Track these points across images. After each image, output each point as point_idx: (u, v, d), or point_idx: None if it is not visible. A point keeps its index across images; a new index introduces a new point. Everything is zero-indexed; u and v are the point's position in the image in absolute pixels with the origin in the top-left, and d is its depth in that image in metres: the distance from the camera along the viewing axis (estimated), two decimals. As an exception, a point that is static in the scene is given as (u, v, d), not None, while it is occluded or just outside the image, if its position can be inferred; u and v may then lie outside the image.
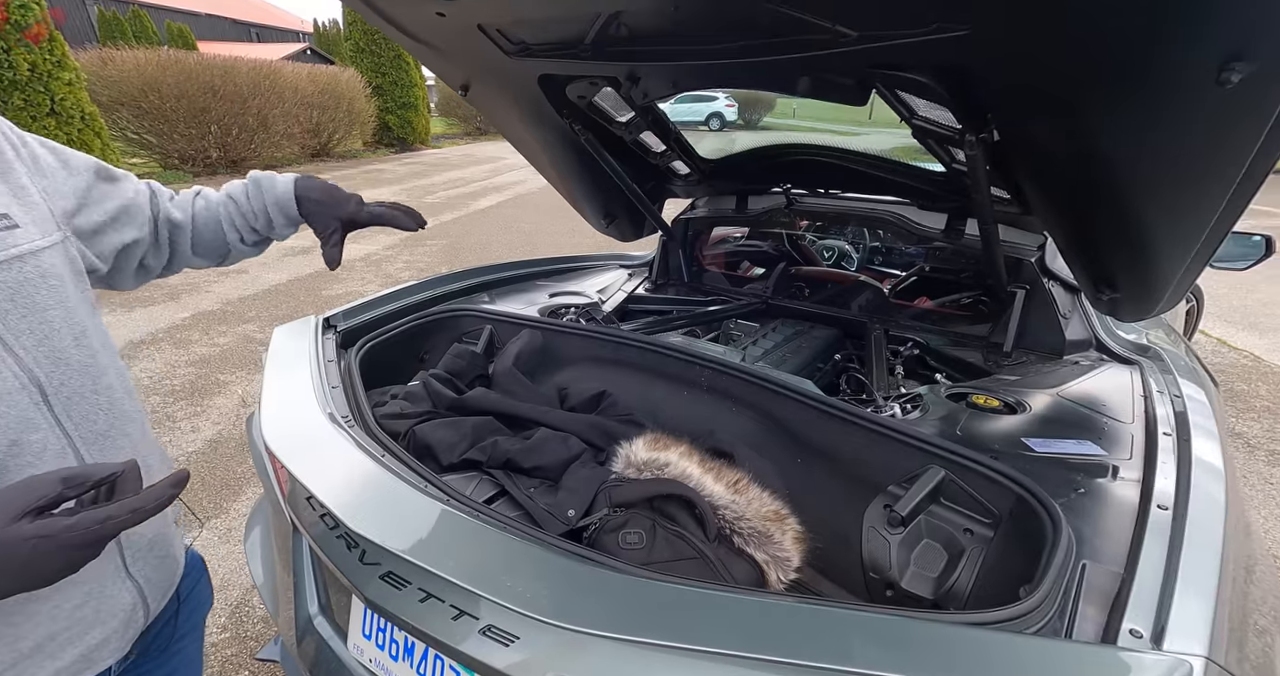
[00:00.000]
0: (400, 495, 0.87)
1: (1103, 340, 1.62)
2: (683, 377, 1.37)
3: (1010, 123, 1.07)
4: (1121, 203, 1.07)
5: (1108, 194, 1.08)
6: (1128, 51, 0.75)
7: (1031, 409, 1.23)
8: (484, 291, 1.92)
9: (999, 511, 0.94)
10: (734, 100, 18.20)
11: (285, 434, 1.01)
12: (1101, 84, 0.82)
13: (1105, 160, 0.98)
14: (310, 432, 1.03)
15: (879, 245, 3.08)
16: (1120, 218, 1.11)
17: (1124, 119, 0.87)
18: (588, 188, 2.05)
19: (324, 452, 0.97)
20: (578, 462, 1.05)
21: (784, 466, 1.15)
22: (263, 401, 1.11)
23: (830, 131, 2.46)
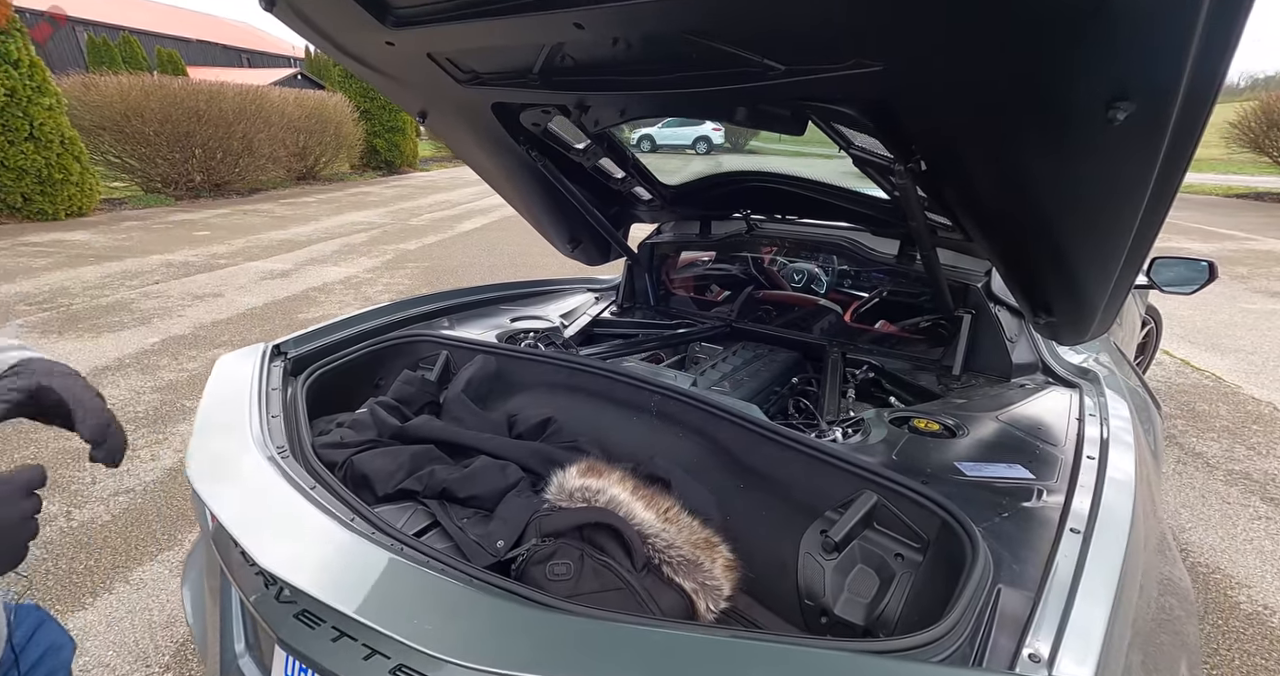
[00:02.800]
0: (321, 529, 0.85)
1: (1048, 363, 1.65)
2: (633, 403, 1.37)
3: (933, 153, 1.10)
4: (1042, 230, 1.10)
5: (1030, 222, 1.11)
6: (1025, 87, 0.78)
7: (970, 432, 1.24)
8: (445, 316, 1.92)
9: (927, 536, 0.95)
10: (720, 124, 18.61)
11: (210, 467, 1.00)
12: (1005, 117, 0.85)
13: (1021, 190, 1.02)
14: (237, 465, 1.01)
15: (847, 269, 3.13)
16: (1044, 245, 1.14)
17: (1030, 151, 0.90)
18: (551, 213, 2.07)
19: (248, 486, 0.96)
20: (514, 492, 1.05)
21: (725, 492, 1.15)
22: (194, 432, 1.09)
23: (810, 155, 2.52)
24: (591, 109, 1.44)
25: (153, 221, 8.73)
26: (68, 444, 2.82)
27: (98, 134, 9.47)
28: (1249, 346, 4.22)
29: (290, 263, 6.65)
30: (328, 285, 5.82)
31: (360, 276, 6.19)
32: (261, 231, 8.36)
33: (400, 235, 8.28)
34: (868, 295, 2.92)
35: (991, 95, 0.81)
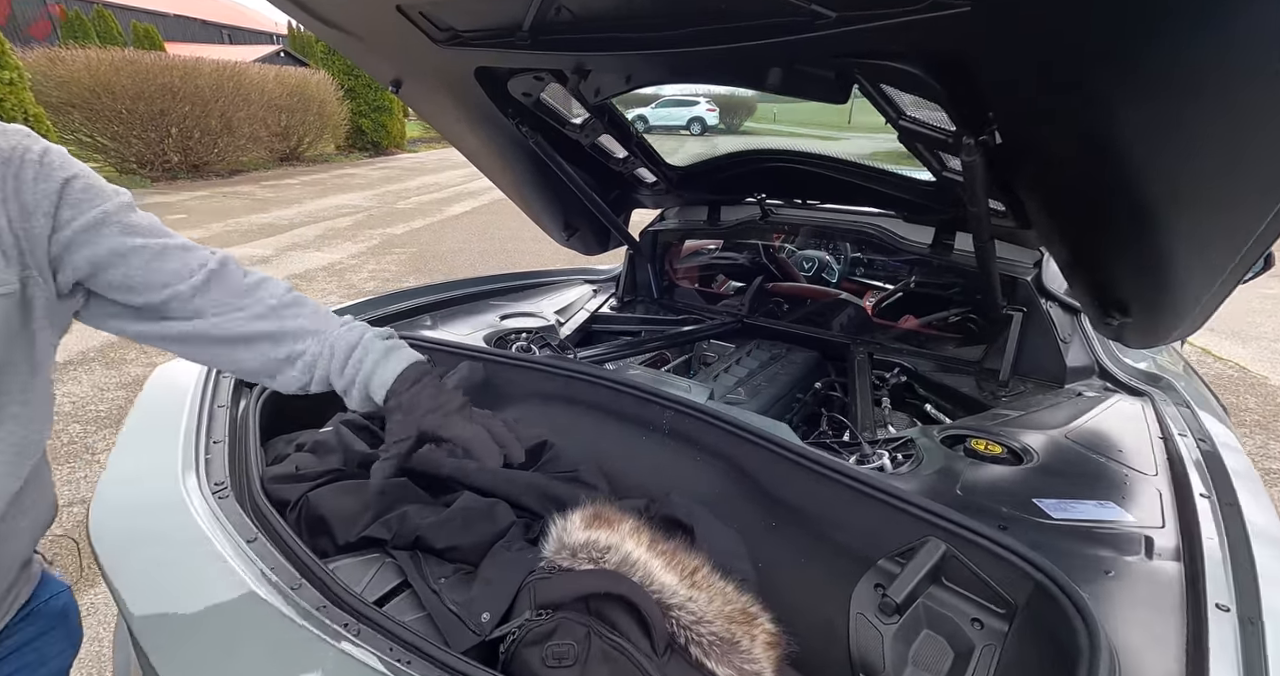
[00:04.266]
0: (251, 616, 0.66)
1: (1107, 367, 1.47)
2: (640, 418, 1.18)
3: (1016, 122, 0.90)
4: (1143, 218, 0.91)
5: (1127, 208, 0.91)
6: (1172, 28, 0.58)
7: (1039, 457, 1.06)
8: (427, 314, 1.72)
9: (1014, 600, 0.77)
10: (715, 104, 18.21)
11: (121, 520, 0.81)
12: (1136, 69, 0.65)
13: (1130, 167, 0.82)
14: (158, 515, 0.82)
15: (861, 256, 2.94)
16: (1139, 236, 0.95)
17: (1161, 114, 0.70)
18: (544, 197, 1.86)
19: (163, 539, 0.76)
20: (503, 541, 0.86)
21: (752, 532, 0.97)
22: (106, 470, 0.89)
23: (811, 136, 2.28)
24: (591, 75, 1.23)
25: (128, 204, 8.35)
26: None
27: (66, 111, 9.04)
28: (1271, 333, 4.07)
29: (271, 248, 6.37)
30: (310, 272, 5.57)
31: (345, 263, 5.94)
32: (241, 215, 8.03)
33: (386, 219, 7.99)
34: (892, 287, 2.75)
35: (1126, 34, 0.61)
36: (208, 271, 0.75)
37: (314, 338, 0.79)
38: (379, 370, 0.78)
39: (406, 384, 0.78)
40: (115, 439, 1.01)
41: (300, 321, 0.80)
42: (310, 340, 0.79)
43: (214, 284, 0.75)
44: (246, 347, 0.78)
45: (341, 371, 0.79)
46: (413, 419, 0.77)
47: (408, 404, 0.78)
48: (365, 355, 0.79)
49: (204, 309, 0.75)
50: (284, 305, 0.80)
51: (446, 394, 0.80)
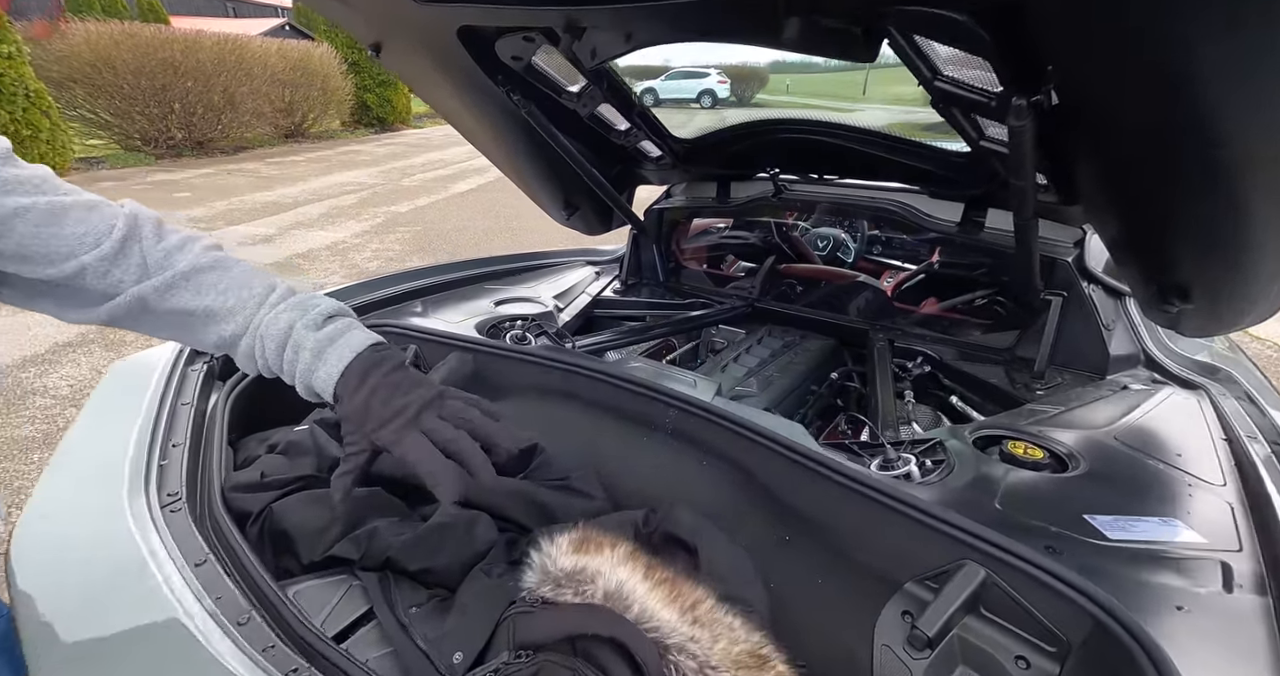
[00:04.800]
0: (167, 648, 0.57)
1: (1154, 355, 1.34)
2: (641, 417, 1.08)
3: (1080, 79, 0.76)
4: (1222, 188, 0.77)
5: (1202, 176, 0.78)
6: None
7: (1086, 463, 0.95)
8: (418, 299, 1.61)
9: (1067, 637, 0.67)
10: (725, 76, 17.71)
11: (43, 533, 0.72)
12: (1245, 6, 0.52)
13: (1214, 126, 0.69)
14: (96, 532, 0.73)
15: (879, 234, 2.79)
16: (1214, 209, 0.82)
17: (1259, 56, 0.57)
18: (541, 173, 1.73)
19: (89, 565, 0.68)
20: (483, 564, 0.77)
21: (763, 548, 0.87)
22: (44, 476, 0.81)
23: (824, 108, 2.13)
24: (586, 33, 1.09)
25: (131, 182, 8.29)
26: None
27: (68, 87, 8.91)
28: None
29: (274, 227, 6.28)
30: (313, 251, 5.49)
31: (348, 241, 5.84)
32: (245, 193, 7.94)
33: (391, 196, 7.86)
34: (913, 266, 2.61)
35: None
36: (119, 237, 0.63)
37: (238, 320, 0.67)
38: (317, 371, 0.66)
39: (351, 385, 0.65)
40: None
41: (219, 298, 0.67)
42: (235, 322, 0.67)
43: (128, 251, 0.64)
44: (185, 327, 0.68)
45: (280, 366, 0.68)
46: (363, 431, 0.64)
47: (355, 412, 0.64)
48: (296, 353, 0.66)
49: (123, 281, 0.63)
50: (197, 271, 0.66)
51: (405, 392, 0.65)
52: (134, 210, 0.67)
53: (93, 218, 0.63)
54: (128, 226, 0.64)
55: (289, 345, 0.66)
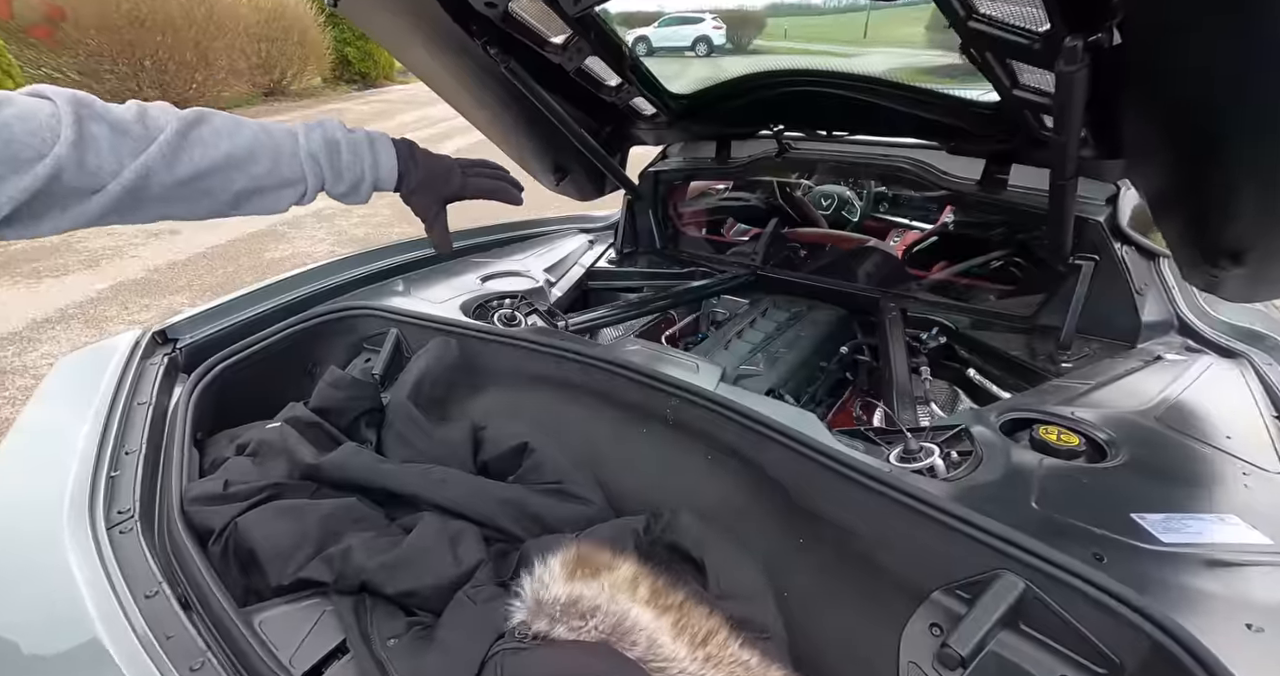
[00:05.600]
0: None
1: (1189, 321, 1.25)
2: (640, 407, 1.00)
3: (1153, 10, 0.65)
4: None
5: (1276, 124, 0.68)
6: None
7: (1127, 450, 0.87)
8: (400, 276, 1.50)
9: (1120, 659, 0.60)
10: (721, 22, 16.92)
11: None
12: None
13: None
14: (17, 559, 0.66)
15: (885, 191, 2.66)
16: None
17: None
18: (526, 135, 1.60)
19: (13, 604, 0.60)
20: (469, 587, 0.69)
21: (776, 554, 0.81)
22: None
23: (825, 53, 1.95)
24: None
25: (106, 147, 7.96)
26: None
27: (30, 43, 8.47)
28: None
29: (256, 192, 6.06)
30: (298, 218, 5.30)
31: (334, 207, 5.63)
32: (225, 156, 7.64)
33: (377, 157, 7.57)
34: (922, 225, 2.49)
35: None
36: (72, 121, 0.57)
37: (266, 156, 0.70)
38: (380, 160, 0.79)
39: (409, 163, 0.81)
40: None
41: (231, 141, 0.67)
42: (265, 158, 0.70)
43: (92, 132, 0.59)
44: (203, 191, 0.67)
45: (340, 171, 0.76)
46: (435, 192, 0.85)
47: (424, 181, 0.83)
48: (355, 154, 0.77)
49: (102, 167, 0.59)
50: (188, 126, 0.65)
51: (441, 158, 0.86)
52: (63, 92, 0.59)
53: (31, 112, 0.55)
54: (73, 108, 0.57)
55: (343, 151, 0.75)
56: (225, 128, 0.67)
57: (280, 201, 0.75)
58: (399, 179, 0.82)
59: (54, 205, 0.59)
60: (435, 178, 0.85)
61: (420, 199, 0.85)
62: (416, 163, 0.83)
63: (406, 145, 0.83)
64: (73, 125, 0.57)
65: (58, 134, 0.56)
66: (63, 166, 0.56)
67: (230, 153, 0.66)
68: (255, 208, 0.73)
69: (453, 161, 0.88)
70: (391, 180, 0.82)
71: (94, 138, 0.58)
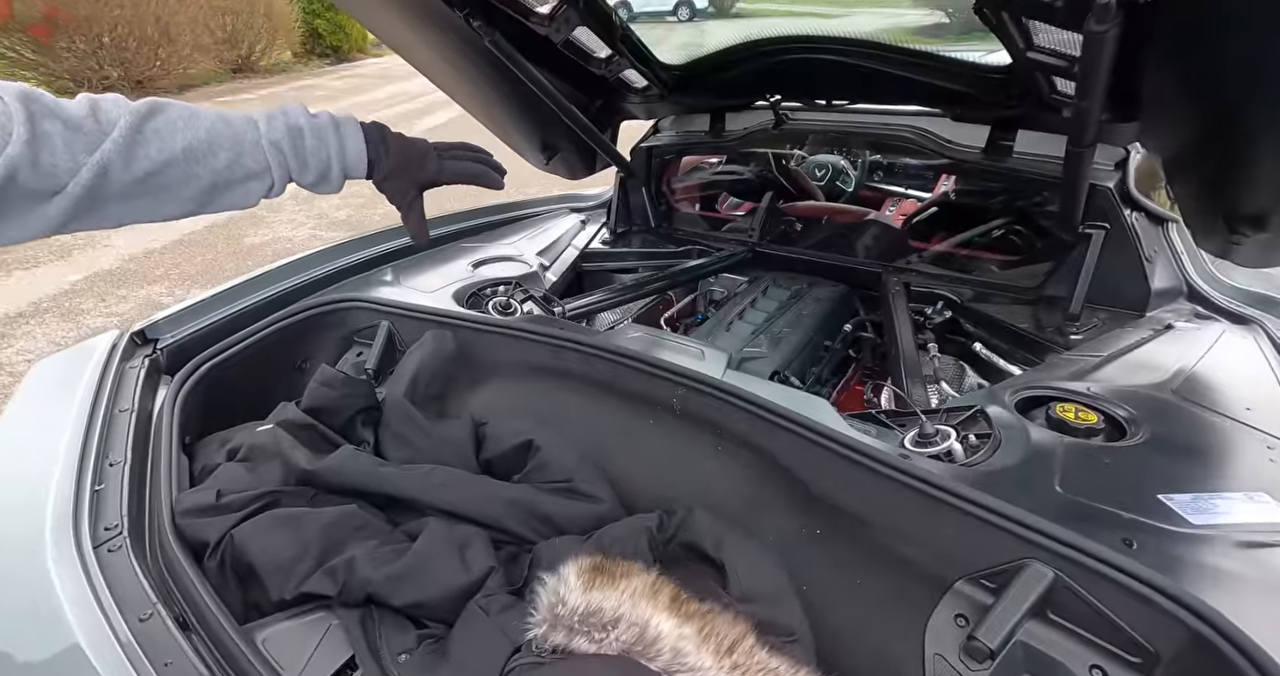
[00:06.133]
0: None
1: (1198, 287, 1.23)
2: (645, 397, 0.97)
3: None
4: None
5: None
6: None
7: (1147, 427, 0.85)
8: (387, 265, 1.44)
9: (1155, 648, 0.59)
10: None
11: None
12: None
13: None
14: (12, 571, 0.62)
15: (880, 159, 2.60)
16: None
17: None
18: (513, 113, 1.53)
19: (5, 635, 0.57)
20: (480, 597, 0.67)
21: (792, 547, 0.79)
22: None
23: (812, 15, 1.88)
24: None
25: (70, 131, 7.66)
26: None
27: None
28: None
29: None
30: (277, 202, 5.12)
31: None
32: (196, 138, 7.38)
33: (354, 135, 7.34)
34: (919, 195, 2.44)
35: None
36: (24, 117, 0.53)
37: (227, 146, 0.66)
38: (346, 146, 0.74)
39: (379, 148, 0.77)
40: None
41: (189, 134, 0.64)
42: (226, 149, 0.66)
43: (45, 130, 0.56)
44: (164, 187, 0.63)
45: (305, 158, 0.72)
46: (411, 178, 0.81)
47: (397, 166, 0.79)
48: (320, 141, 0.72)
49: (58, 165, 0.56)
50: (142, 118, 0.61)
51: (414, 142, 0.82)
52: (10, 86, 0.56)
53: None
54: (24, 104, 0.54)
55: (307, 137, 0.71)
56: (181, 119, 0.64)
57: (249, 195, 0.71)
58: (370, 165, 0.78)
59: (11, 210, 0.55)
60: (409, 163, 0.80)
61: (394, 186, 0.81)
62: (388, 147, 0.79)
63: (377, 129, 0.79)
64: (25, 122, 0.53)
65: (9, 132, 0.52)
66: (17, 167, 0.53)
67: (189, 145, 0.63)
68: (223, 203, 0.70)
69: (427, 145, 0.84)
70: (361, 166, 0.77)
71: (48, 135, 0.55)
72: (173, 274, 3.76)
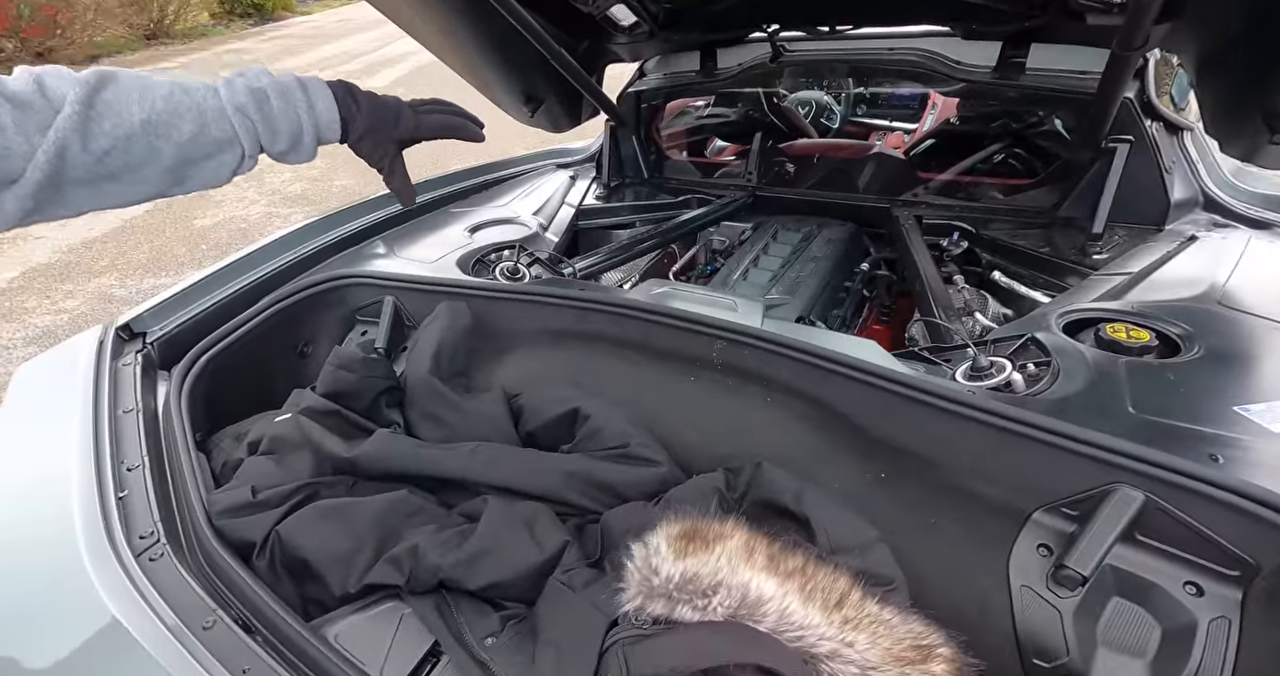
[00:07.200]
0: None
1: (1214, 195, 1.22)
2: (682, 355, 0.93)
3: None
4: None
5: None
6: None
7: (1202, 341, 0.84)
8: (377, 237, 1.35)
9: (1255, 559, 0.59)
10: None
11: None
12: None
13: None
14: (35, 605, 0.57)
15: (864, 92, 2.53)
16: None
17: None
18: (493, 60, 1.41)
19: (58, 654, 0.52)
20: (559, 575, 0.64)
21: (858, 490, 0.77)
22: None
23: None
24: None
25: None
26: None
27: None
28: None
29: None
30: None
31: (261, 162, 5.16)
32: (122, 115, 6.84)
33: (295, 102, 6.89)
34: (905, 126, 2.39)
35: None
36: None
37: (190, 116, 0.61)
38: (317, 107, 0.69)
39: (351, 106, 0.72)
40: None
41: (145, 106, 0.58)
42: (189, 119, 0.60)
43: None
44: (127, 166, 0.58)
45: (275, 123, 0.66)
46: (386, 134, 0.75)
47: (371, 124, 0.74)
48: (287, 102, 0.66)
49: (10, 148, 0.51)
50: (93, 90, 0.56)
51: (384, 98, 0.77)
52: None
53: None
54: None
55: (273, 100, 0.65)
56: (135, 89, 0.58)
57: (221, 170, 0.65)
58: (343, 126, 0.72)
59: None
60: (383, 120, 0.75)
61: (370, 145, 0.76)
62: (359, 105, 0.73)
63: (343, 87, 0.74)
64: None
65: None
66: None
67: (148, 118, 0.58)
68: (193, 182, 0.64)
69: (400, 100, 0.79)
70: (335, 127, 0.71)
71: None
72: (120, 263, 3.52)
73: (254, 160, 0.68)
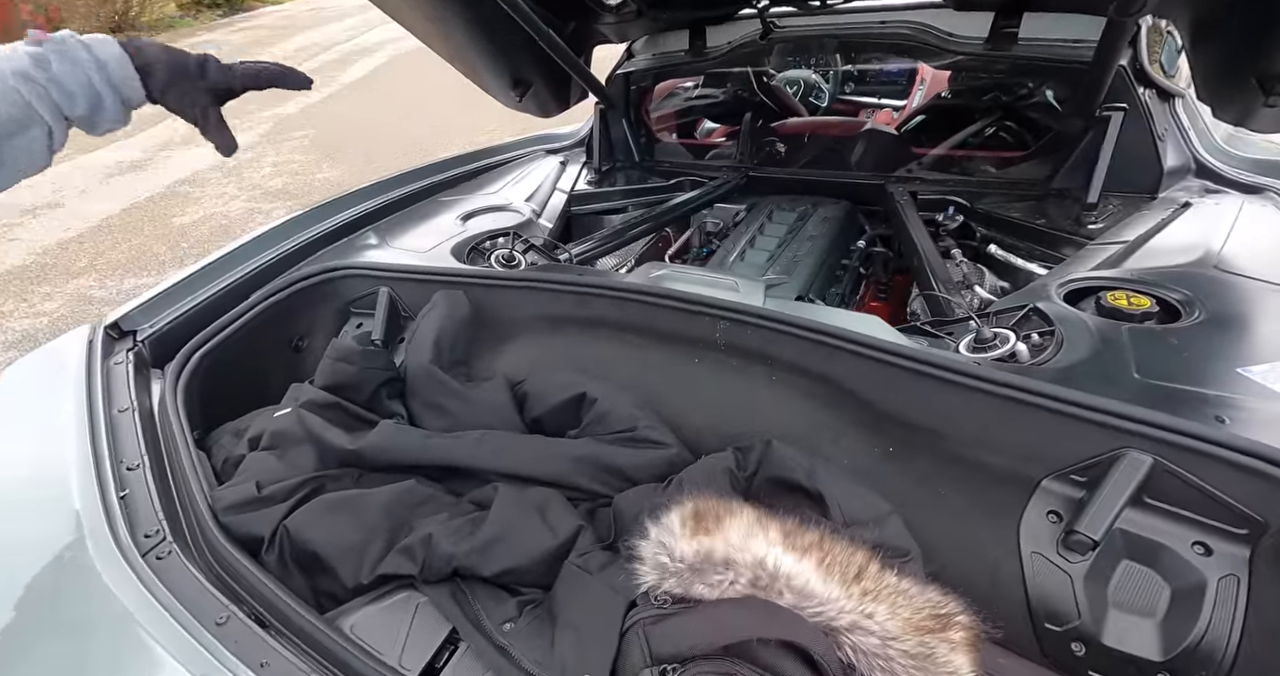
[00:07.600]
0: None
1: (1205, 161, 1.23)
2: (685, 337, 0.92)
3: None
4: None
5: None
6: None
7: (1201, 305, 0.84)
8: (368, 227, 1.33)
9: (1264, 517, 0.60)
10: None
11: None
12: None
13: None
14: (44, 610, 0.56)
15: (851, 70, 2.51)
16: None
17: None
18: (479, 44, 1.38)
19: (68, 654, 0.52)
20: (575, 559, 0.63)
21: (868, 464, 0.78)
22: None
23: None
24: None
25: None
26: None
27: None
28: None
29: (138, 149, 5.35)
30: (199, 175, 4.75)
31: (238, 158, 5.05)
32: (92, 113, 6.68)
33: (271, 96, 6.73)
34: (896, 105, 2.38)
35: None
36: None
37: None
38: (108, 65, 0.64)
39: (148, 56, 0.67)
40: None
41: None
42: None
43: None
44: None
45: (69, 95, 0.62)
46: (195, 84, 0.70)
47: (173, 78, 0.68)
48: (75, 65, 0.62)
49: None
50: None
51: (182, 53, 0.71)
52: None
53: None
54: None
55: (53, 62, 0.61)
56: None
57: (33, 147, 0.61)
58: (142, 80, 0.67)
59: None
60: (185, 70, 0.70)
61: (178, 97, 0.70)
62: (153, 57, 0.68)
63: (131, 42, 0.69)
64: None
65: None
66: None
67: None
68: (10, 167, 0.61)
69: (204, 54, 0.73)
70: (133, 82, 0.66)
71: None
72: (99, 264, 3.45)
73: (64, 133, 0.64)
